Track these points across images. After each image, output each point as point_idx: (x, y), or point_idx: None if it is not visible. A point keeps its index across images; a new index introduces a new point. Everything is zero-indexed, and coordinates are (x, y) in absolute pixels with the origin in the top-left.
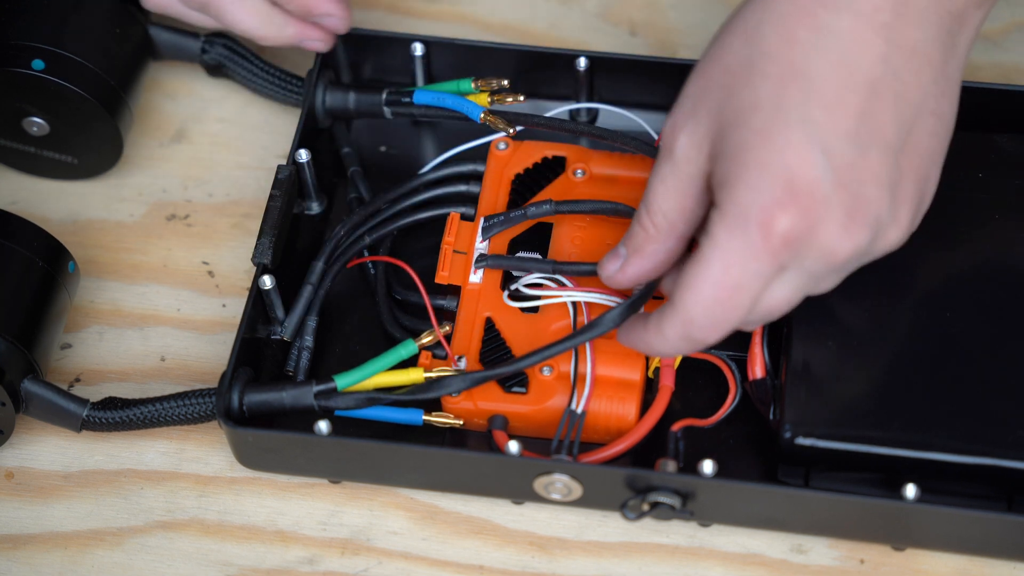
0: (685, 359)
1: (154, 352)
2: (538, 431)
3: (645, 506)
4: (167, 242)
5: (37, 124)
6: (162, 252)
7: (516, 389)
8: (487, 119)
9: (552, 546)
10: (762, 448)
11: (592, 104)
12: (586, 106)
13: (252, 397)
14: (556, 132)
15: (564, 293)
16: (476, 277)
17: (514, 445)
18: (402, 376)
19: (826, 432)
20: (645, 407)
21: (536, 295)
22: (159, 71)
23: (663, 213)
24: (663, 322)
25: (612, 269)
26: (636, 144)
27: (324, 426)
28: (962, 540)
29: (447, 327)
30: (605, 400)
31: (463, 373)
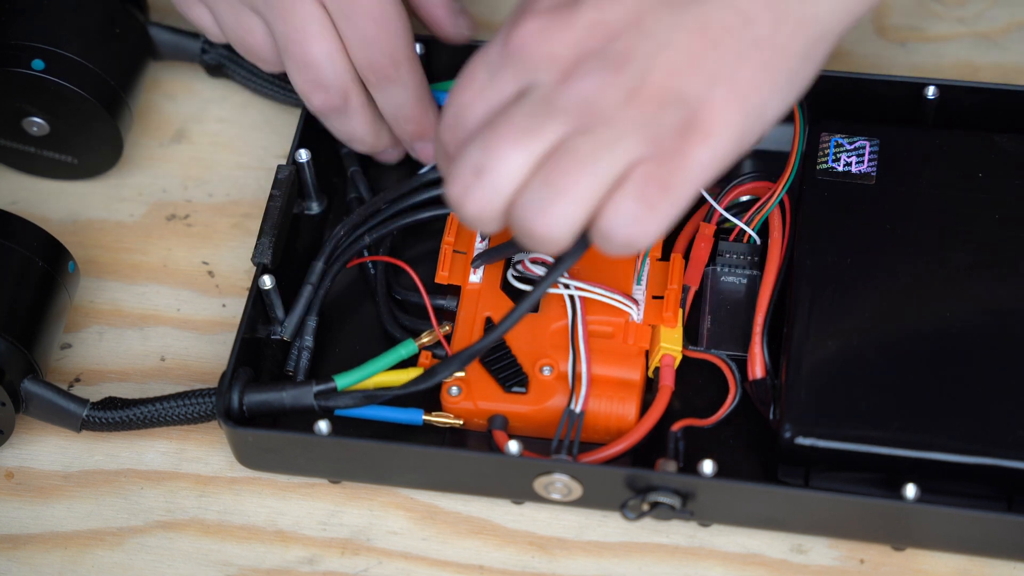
0: (685, 359)
1: (154, 352)
2: (538, 431)
3: (645, 506)
4: (167, 242)
5: (37, 124)
6: (162, 252)
7: (516, 389)
8: None
9: (552, 546)
10: (762, 448)
11: None
12: None
13: (252, 397)
14: None
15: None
16: (476, 277)
17: (514, 445)
18: (402, 376)
19: (826, 432)
20: (645, 407)
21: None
22: (159, 71)
23: None
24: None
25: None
26: None
27: (324, 426)
28: (962, 540)
29: (447, 327)
30: (605, 400)
31: (449, 357)
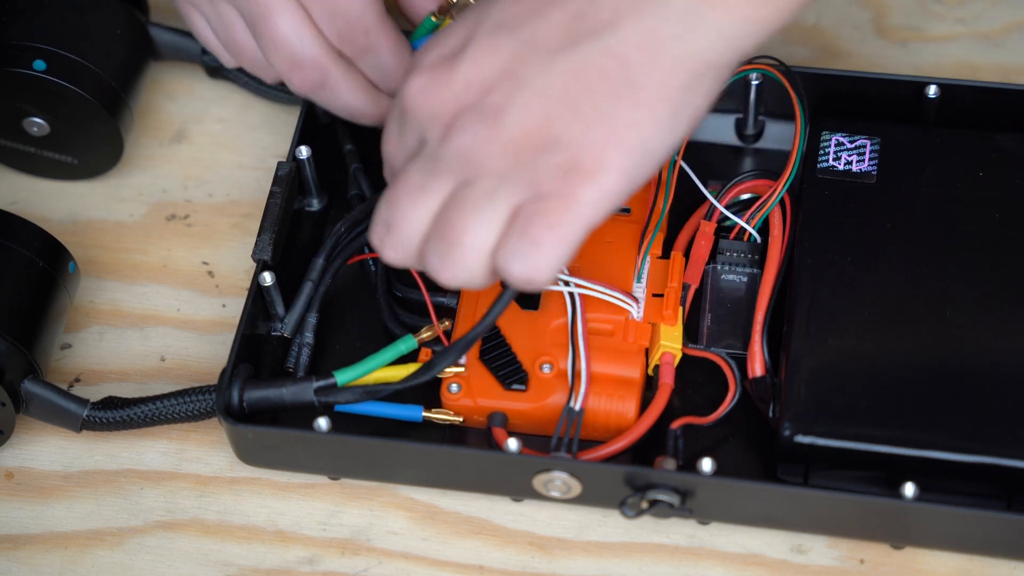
0: (685, 357)
1: (154, 352)
2: (538, 429)
3: (644, 504)
4: (167, 242)
5: (37, 124)
6: (162, 252)
7: (516, 387)
8: None
9: (552, 546)
10: (761, 446)
11: None
12: None
13: (252, 393)
14: None
15: (560, 279)
16: None
17: (513, 442)
18: (402, 371)
19: (825, 430)
20: (645, 405)
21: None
22: (159, 71)
23: None
24: None
25: None
26: None
27: (323, 422)
28: (961, 539)
29: (447, 323)
30: (605, 398)
31: (446, 348)
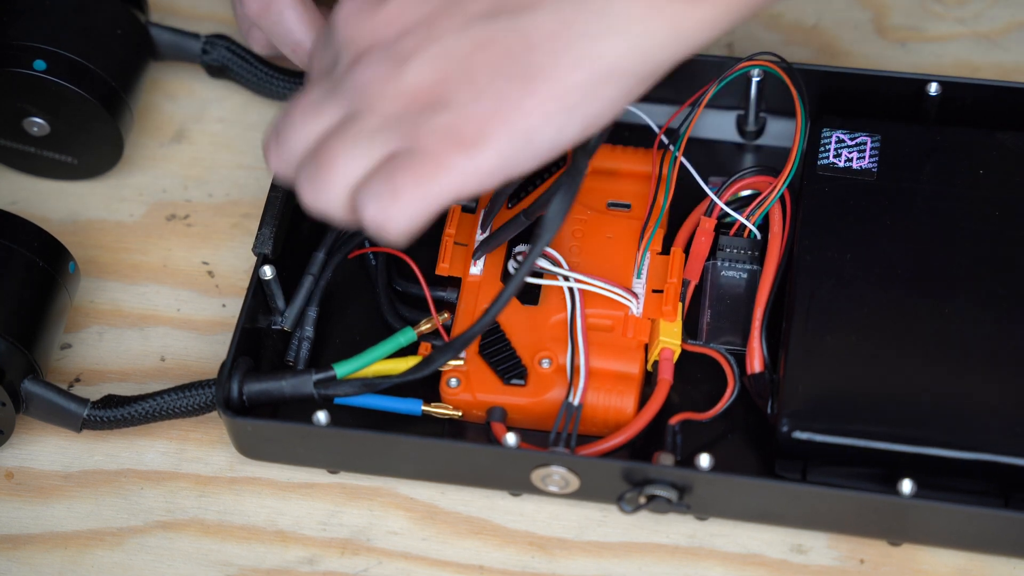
0: (684, 353)
1: (154, 352)
2: (537, 423)
3: (642, 499)
4: (167, 242)
5: (37, 124)
6: (162, 252)
7: (515, 381)
8: None
9: (552, 546)
10: (760, 442)
11: None
12: None
13: (252, 386)
14: None
15: (560, 274)
16: (476, 269)
17: (512, 437)
18: (401, 364)
19: (823, 427)
20: (643, 400)
21: (536, 282)
22: (159, 71)
23: None
24: None
25: None
26: None
27: (323, 416)
28: (958, 536)
29: (446, 315)
30: (603, 393)
31: (446, 344)
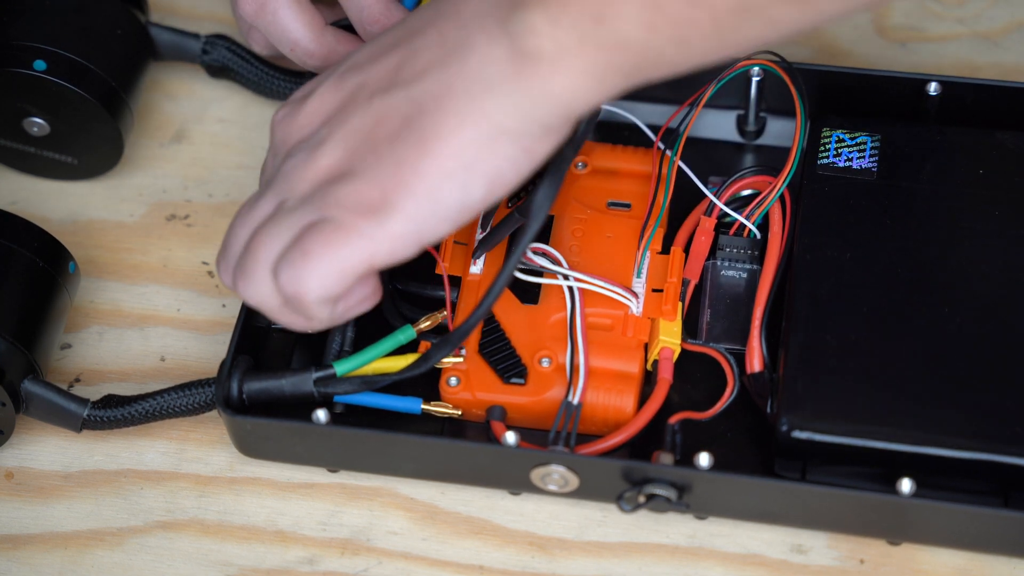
0: (684, 352)
1: (154, 352)
2: (537, 422)
3: (641, 498)
4: (167, 242)
5: (37, 124)
6: (162, 252)
7: (515, 380)
8: None
9: (552, 546)
10: (759, 441)
11: None
12: None
13: (252, 385)
14: None
15: (560, 273)
16: (477, 268)
17: (511, 436)
18: (401, 362)
19: (823, 426)
20: (643, 400)
21: (536, 281)
22: (159, 71)
23: None
24: None
25: None
26: None
27: (322, 414)
28: (958, 535)
29: (446, 313)
30: (603, 392)
31: (442, 339)
